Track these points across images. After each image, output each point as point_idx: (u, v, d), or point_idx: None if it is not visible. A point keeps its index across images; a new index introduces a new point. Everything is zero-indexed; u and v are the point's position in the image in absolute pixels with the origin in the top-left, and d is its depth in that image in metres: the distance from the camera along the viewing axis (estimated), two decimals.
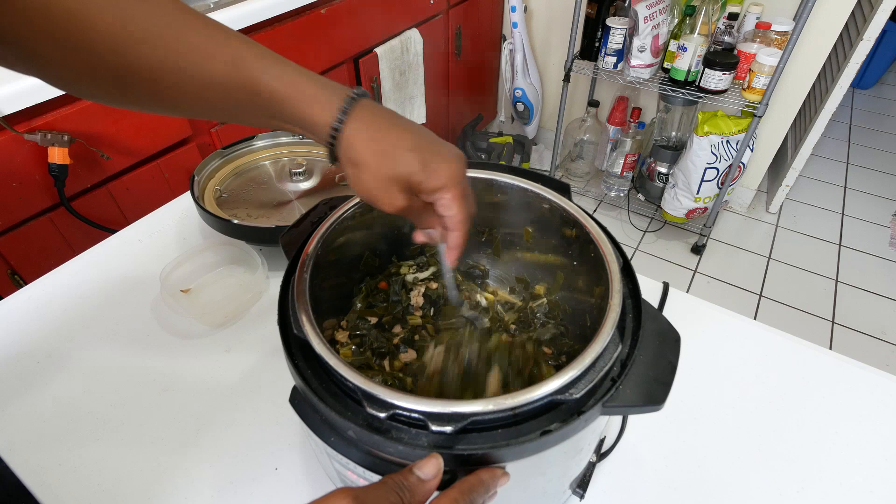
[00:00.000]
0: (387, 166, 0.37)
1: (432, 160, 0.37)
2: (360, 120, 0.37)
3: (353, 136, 0.36)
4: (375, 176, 0.37)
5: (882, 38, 2.55)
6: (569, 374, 0.33)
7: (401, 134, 0.37)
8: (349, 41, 1.49)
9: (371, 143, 0.36)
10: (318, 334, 0.36)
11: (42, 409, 0.56)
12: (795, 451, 0.53)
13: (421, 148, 0.37)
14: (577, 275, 0.51)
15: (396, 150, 0.37)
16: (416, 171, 0.37)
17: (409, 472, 0.30)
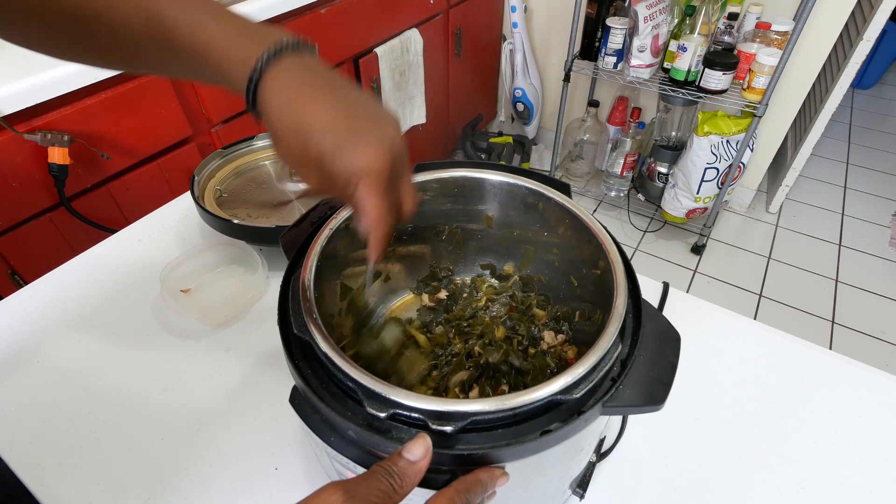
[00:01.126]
0: (296, 143, 0.31)
1: (349, 141, 0.31)
2: (278, 79, 0.31)
3: (270, 100, 0.31)
4: (287, 150, 0.32)
5: (882, 38, 2.55)
6: (571, 374, 0.33)
7: (322, 103, 0.31)
8: (349, 41, 1.49)
9: (285, 113, 0.31)
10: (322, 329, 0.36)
11: (42, 409, 0.56)
12: (795, 451, 0.53)
13: (338, 125, 0.31)
14: (555, 246, 0.53)
15: (310, 123, 0.31)
16: (326, 156, 0.31)
17: (398, 455, 0.30)
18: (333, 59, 1.46)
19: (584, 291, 0.51)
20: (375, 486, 0.28)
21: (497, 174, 0.52)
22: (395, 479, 0.29)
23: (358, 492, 0.28)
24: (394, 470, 0.29)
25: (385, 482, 0.28)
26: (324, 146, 0.31)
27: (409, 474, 0.29)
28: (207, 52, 0.32)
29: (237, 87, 0.32)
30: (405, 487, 0.29)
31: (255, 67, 0.31)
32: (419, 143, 2.02)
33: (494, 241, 0.58)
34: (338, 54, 1.47)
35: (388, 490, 0.28)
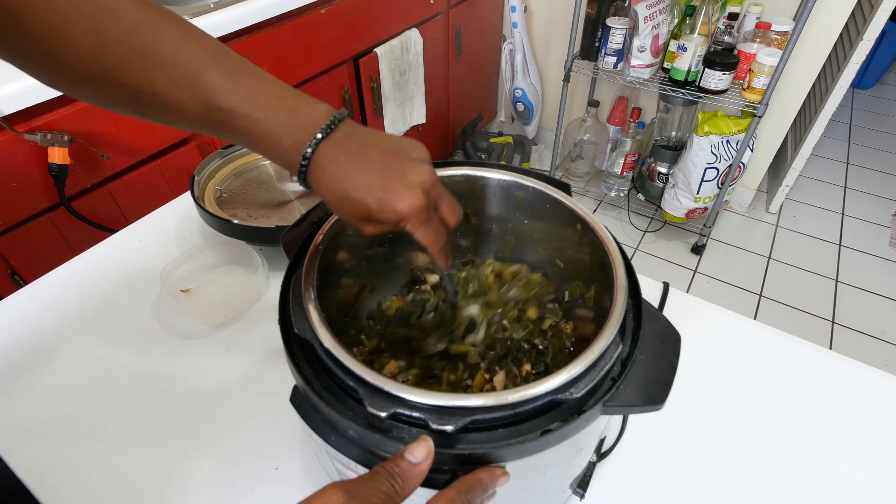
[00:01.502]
0: (349, 208, 0.38)
1: (387, 199, 0.37)
2: (323, 164, 0.37)
3: (320, 180, 0.37)
4: (343, 215, 0.39)
5: (882, 38, 2.55)
6: (571, 371, 0.33)
7: (358, 172, 0.37)
8: (349, 41, 1.49)
9: (332, 185, 0.37)
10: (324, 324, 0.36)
11: (42, 409, 0.56)
12: (795, 451, 0.53)
13: (374, 187, 0.37)
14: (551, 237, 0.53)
15: (352, 191, 0.37)
16: (373, 212, 0.37)
17: (400, 457, 0.30)
18: (333, 59, 1.46)
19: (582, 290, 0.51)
20: (377, 487, 0.28)
21: (497, 173, 0.52)
22: (397, 480, 0.29)
23: (359, 493, 0.28)
24: (395, 471, 0.29)
25: (387, 483, 0.29)
26: (370, 207, 0.37)
27: (411, 476, 0.30)
28: (261, 139, 0.37)
29: (288, 166, 0.38)
30: (406, 489, 0.29)
31: (304, 154, 0.36)
32: None
33: (492, 239, 0.58)
34: (338, 54, 1.47)
35: (390, 491, 0.29)
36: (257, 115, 0.36)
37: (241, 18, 1.17)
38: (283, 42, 1.30)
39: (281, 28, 1.27)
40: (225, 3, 1.17)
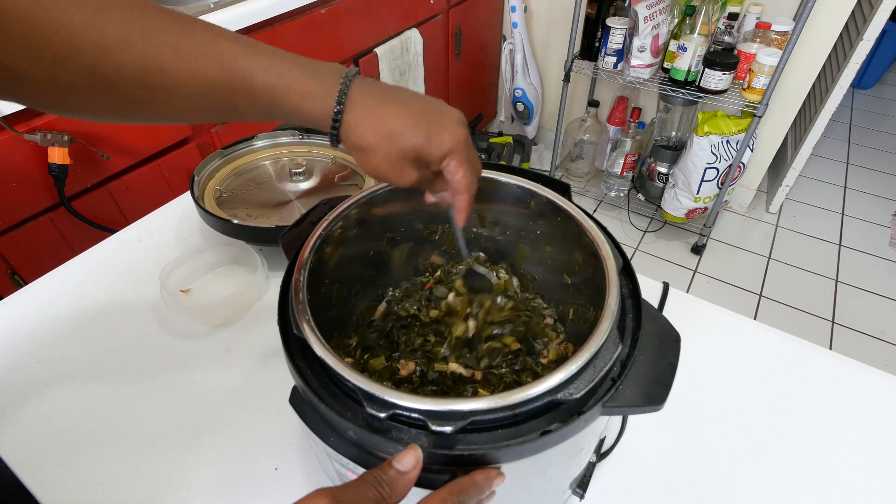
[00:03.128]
0: (394, 146, 0.37)
1: (435, 131, 0.38)
2: (358, 104, 0.37)
3: (356, 122, 0.37)
4: (385, 157, 0.38)
5: (882, 38, 2.55)
6: (567, 369, 0.33)
7: (401, 111, 0.38)
8: (349, 41, 1.49)
9: (375, 126, 0.37)
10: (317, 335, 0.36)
11: (42, 409, 0.56)
12: (795, 451, 0.53)
13: (423, 121, 0.38)
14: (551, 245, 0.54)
15: (400, 128, 0.37)
16: (422, 145, 0.38)
17: (388, 465, 0.30)
18: (333, 59, 1.45)
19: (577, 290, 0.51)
20: (364, 494, 0.28)
21: (494, 174, 0.52)
22: (384, 488, 0.29)
23: (346, 499, 0.28)
24: (383, 479, 0.29)
25: (374, 490, 0.29)
26: (418, 140, 0.37)
27: (399, 484, 0.30)
28: (286, 91, 0.36)
29: (313, 118, 0.37)
30: (394, 497, 0.29)
31: (338, 98, 0.36)
32: None
33: (488, 239, 0.59)
34: (338, 54, 1.47)
35: (377, 498, 0.29)
36: (280, 68, 0.35)
37: (241, 18, 1.17)
38: (284, 42, 1.30)
39: (281, 28, 1.27)
40: (225, 3, 1.17)
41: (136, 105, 0.35)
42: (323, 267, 0.46)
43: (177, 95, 0.34)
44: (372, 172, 0.39)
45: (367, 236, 0.53)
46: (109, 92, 0.33)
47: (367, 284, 0.57)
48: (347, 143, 0.38)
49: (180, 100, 0.35)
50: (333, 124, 0.37)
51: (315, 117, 0.37)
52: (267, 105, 0.36)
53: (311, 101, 0.36)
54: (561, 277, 0.54)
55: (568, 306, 0.54)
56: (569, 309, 0.54)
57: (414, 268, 0.60)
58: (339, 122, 0.37)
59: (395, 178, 0.39)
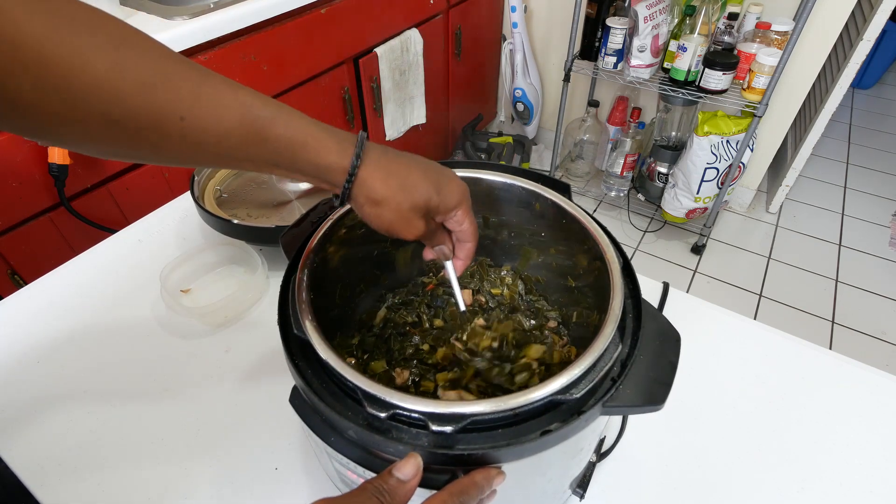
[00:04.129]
0: (407, 198, 0.39)
1: (444, 183, 0.41)
2: (372, 161, 0.38)
3: (371, 176, 0.38)
4: (398, 209, 0.39)
5: (882, 38, 2.55)
6: (570, 374, 0.33)
7: (411, 167, 0.40)
8: (349, 41, 1.49)
9: (389, 181, 0.39)
10: (319, 334, 0.36)
11: (42, 409, 0.56)
12: (795, 451, 0.53)
13: (432, 175, 0.40)
14: (558, 252, 0.54)
15: (413, 182, 0.39)
16: (433, 197, 0.40)
17: (388, 474, 0.30)
18: (333, 59, 1.46)
19: (580, 292, 0.51)
20: (364, 503, 0.28)
21: (494, 174, 0.52)
22: (385, 497, 0.29)
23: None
24: (383, 488, 0.29)
25: (375, 500, 0.29)
26: (429, 192, 0.40)
27: (399, 493, 0.30)
28: (303, 145, 0.36)
29: (325, 171, 0.38)
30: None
31: (356, 153, 0.37)
32: (419, 143, 2.02)
33: (492, 242, 0.59)
34: (338, 54, 1.47)
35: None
36: (299, 122, 0.36)
37: (241, 18, 1.17)
38: (283, 42, 1.30)
39: (281, 28, 1.27)
40: (225, 3, 1.17)
41: (144, 148, 0.33)
42: (326, 266, 0.46)
43: (190, 142, 0.34)
44: (381, 225, 0.40)
45: (371, 236, 0.53)
46: (120, 134, 0.32)
47: (370, 284, 0.57)
48: (359, 199, 0.39)
49: (192, 146, 0.34)
50: (349, 178, 0.38)
51: (329, 170, 0.38)
52: (282, 156, 0.36)
53: (328, 155, 0.37)
54: (565, 280, 0.54)
55: (571, 309, 0.54)
56: (572, 312, 0.54)
57: (418, 268, 0.60)
58: (355, 176, 0.38)
59: (403, 230, 0.40)
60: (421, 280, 0.60)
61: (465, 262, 0.46)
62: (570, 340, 0.54)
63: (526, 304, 0.58)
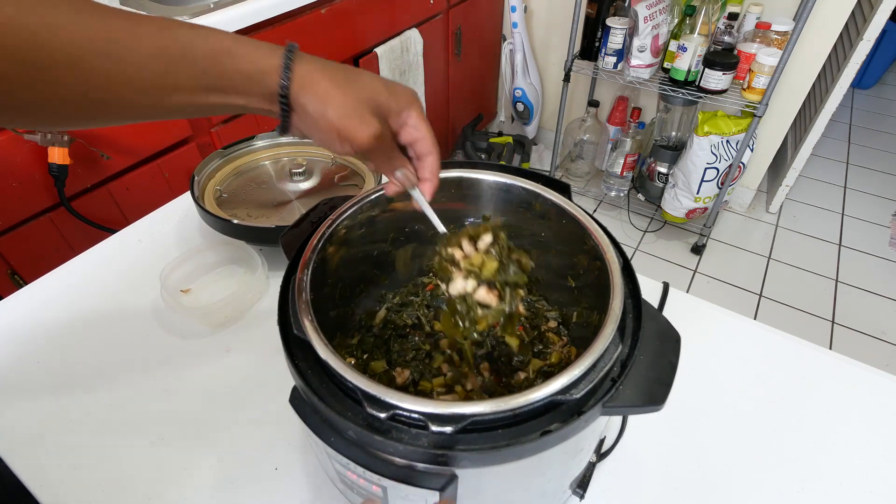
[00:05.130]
0: (355, 91, 0.36)
1: (391, 85, 0.39)
2: (308, 62, 0.36)
3: (311, 73, 0.36)
4: (345, 103, 0.36)
5: (882, 38, 2.55)
6: (570, 374, 0.33)
7: (352, 68, 0.38)
8: (349, 41, 1.49)
9: (333, 75, 0.36)
10: (319, 335, 0.36)
11: (42, 409, 0.56)
12: (795, 451, 0.53)
13: (376, 77, 0.39)
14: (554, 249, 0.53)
15: (358, 77, 0.37)
16: (382, 92, 0.37)
17: None
18: (333, 60, 1.46)
19: (580, 292, 0.51)
20: None
21: (493, 174, 0.52)
22: None
23: None
24: None
25: None
26: (378, 88, 0.37)
27: None
28: (229, 52, 0.34)
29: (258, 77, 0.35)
30: None
31: (285, 53, 0.35)
32: None
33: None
34: (338, 54, 1.47)
35: None
36: (220, 35, 0.34)
37: (241, 18, 1.17)
38: (283, 42, 1.29)
39: (281, 28, 1.27)
40: (225, 3, 1.17)
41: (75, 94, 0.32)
42: (326, 266, 0.46)
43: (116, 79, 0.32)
44: (330, 128, 0.36)
45: (371, 236, 0.53)
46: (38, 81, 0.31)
47: (370, 284, 0.57)
48: (301, 99, 0.36)
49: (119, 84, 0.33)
50: (284, 75, 0.35)
51: (261, 74, 0.35)
52: (209, 73, 0.34)
53: (257, 58, 0.34)
54: (565, 280, 0.54)
55: (571, 309, 0.54)
56: (572, 312, 0.54)
57: (418, 268, 0.60)
58: (291, 71, 0.35)
59: (356, 129, 0.36)
60: (421, 280, 0.60)
61: (432, 181, 0.42)
62: (570, 340, 0.54)
63: (526, 304, 0.58)
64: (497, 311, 0.42)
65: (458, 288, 0.43)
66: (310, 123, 0.37)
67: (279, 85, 0.35)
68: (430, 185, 0.42)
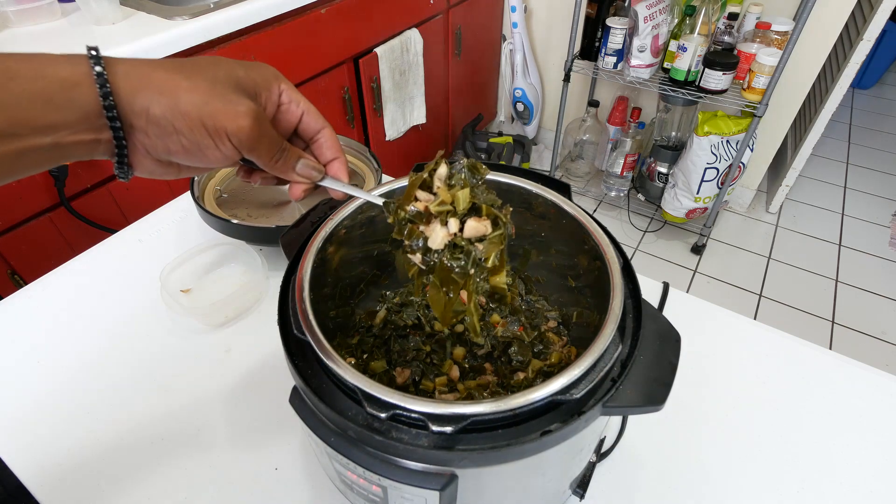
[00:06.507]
0: (201, 74, 0.28)
1: (245, 64, 0.31)
2: (122, 61, 0.27)
3: (136, 70, 0.27)
4: (196, 89, 0.28)
5: (882, 38, 2.55)
6: (570, 374, 0.33)
7: (181, 59, 0.30)
8: (349, 41, 1.49)
9: (162, 64, 0.28)
10: (319, 335, 0.36)
11: (42, 409, 0.56)
12: (795, 451, 0.53)
13: (222, 58, 0.31)
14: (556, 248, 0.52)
15: (197, 61, 0.29)
16: (236, 67, 0.30)
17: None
18: (333, 60, 1.46)
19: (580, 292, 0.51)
20: None
21: (493, 174, 0.52)
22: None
23: None
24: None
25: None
26: (232, 67, 0.30)
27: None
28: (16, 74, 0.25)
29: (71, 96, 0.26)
30: None
31: (88, 48, 0.26)
32: (419, 143, 2.01)
33: None
34: (338, 54, 1.47)
35: None
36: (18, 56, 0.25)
37: (241, 18, 1.17)
38: (283, 42, 1.30)
39: (281, 28, 1.27)
40: (225, 3, 1.17)
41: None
42: (326, 266, 0.46)
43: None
44: (190, 128, 0.28)
45: (371, 236, 0.53)
46: None
47: (370, 284, 0.57)
48: (138, 104, 0.27)
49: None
50: (103, 86, 0.26)
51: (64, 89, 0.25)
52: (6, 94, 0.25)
53: (52, 72, 0.25)
54: (565, 280, 0.54)
55: (571, 309, 0.54)
56: (572, 312, 0.54)
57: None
58: (111, 75, 0.26)
59: (224, 114, 0.28)
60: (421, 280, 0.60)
61: (339, 157, 0.35)
62: (570, 340, 0.54)
63: (526, 304, 0.58)
64: (499, 235, 0.37)
65: (441, 237, 0.36)
66: (163, 133, 0.28)
67: (100, 94, 0.26)
68: (340, 163, 0.36)
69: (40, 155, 0.26)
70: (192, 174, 0.33)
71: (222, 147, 0.29)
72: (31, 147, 0.25)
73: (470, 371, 0.51)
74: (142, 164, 0.30)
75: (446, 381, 0.49)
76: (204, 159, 0.29)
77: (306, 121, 0.34)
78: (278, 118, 0.33)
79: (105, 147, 0.28)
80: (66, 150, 0.27)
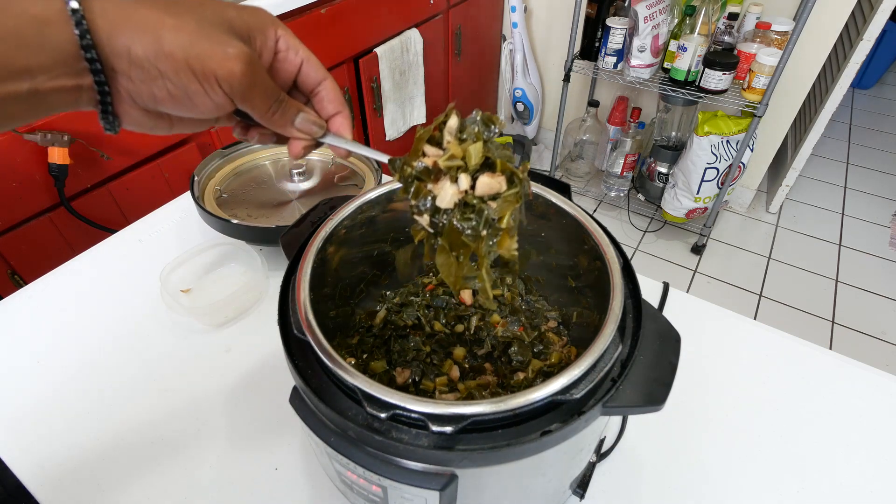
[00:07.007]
0: (189, 12, 0.26)
1: (237, 7, 0.29)
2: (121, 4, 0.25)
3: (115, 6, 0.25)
4: (182, 27, 0.25)
5: (882, 38, 2.55)
6: (570, 374, 0.33)
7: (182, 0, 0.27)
8: (349, 41, 1.49)
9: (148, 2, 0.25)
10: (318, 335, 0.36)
11: (41, 409, 0.56)
12: (795, 451, 0.53)
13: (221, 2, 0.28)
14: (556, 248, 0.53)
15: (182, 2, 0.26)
16: (227, 7, 0.27)
17: None
18: (333, 60, 1.46)
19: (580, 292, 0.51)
20: None
21: None
22: None
23: None
24: None
25: None
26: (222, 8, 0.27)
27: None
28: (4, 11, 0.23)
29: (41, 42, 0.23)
30: None
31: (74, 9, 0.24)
32: None
33: None
34: (338, 54, 1.47)
35: None
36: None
37: None
38: None
39: None
40: None
41: None
42: (326, 266, 0.46)
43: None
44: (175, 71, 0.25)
45: (371, 236, 0.53)
46: None
47: (370, 284, 0.57)
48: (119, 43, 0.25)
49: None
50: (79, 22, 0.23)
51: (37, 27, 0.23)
52: None
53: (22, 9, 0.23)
54: (565, 280, 0.54)
55: (571, 309, 0.54)
56: (572, 312, 0.54)
57: (418, 268, 0.60)
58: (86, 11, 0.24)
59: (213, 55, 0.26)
60: (421, 280, 0.60)
61: (342, 111, 0.32)
62: (570, 340, 0.54)
63: (526, 304, 0.58)
64: (514, 193, 0.34)
65: (450, 195, 0.33)
66: (147, 77, 0.25)
67: (76, 33, 0.24)
68: (343, 117, 0.33)
69: (19, 104, 0.24)
70: (185, 129, 0.31)
71: (212, 94, 0.27)
72: (8, 94, 0.24)
73: (470, 371, 0.51)
74: (128, 113, 0.28)
75: (446, 382, 0.49)
76: (194, 108, 0.27)
77: (306, 71, 0.31)
78: (276, 67, 0.31)
79: (88, 95, 0.26)
80: (47, 99, 0.25)
